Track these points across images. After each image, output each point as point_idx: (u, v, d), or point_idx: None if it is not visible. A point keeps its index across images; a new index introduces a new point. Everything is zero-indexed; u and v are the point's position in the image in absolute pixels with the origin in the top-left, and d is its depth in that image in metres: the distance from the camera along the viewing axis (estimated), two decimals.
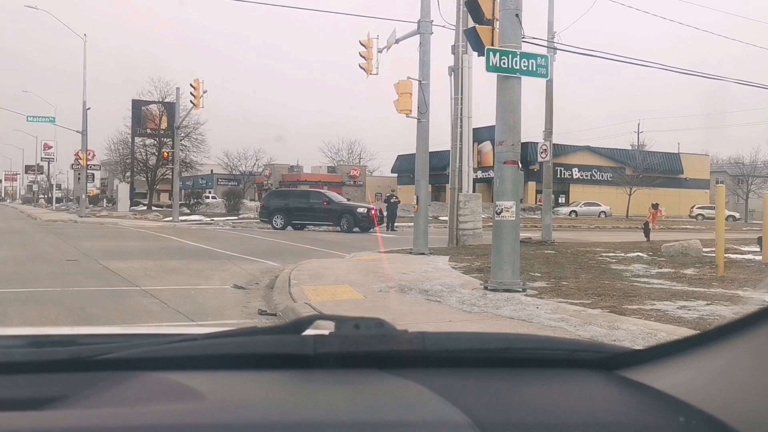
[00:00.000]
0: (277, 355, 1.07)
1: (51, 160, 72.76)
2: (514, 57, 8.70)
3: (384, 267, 11.74)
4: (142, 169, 60.05)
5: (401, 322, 1.14)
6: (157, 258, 13.80)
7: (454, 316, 7.10)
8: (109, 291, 9.17)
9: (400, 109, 15.09)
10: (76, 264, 12.40)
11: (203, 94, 29.95)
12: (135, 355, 1.04)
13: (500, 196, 8.88)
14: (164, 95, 56.64)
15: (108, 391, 0.92)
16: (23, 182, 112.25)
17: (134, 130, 57.11)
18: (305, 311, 7.25)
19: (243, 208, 44.41)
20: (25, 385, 0.92)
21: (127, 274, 10.74)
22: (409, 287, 9.09)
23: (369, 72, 16.58)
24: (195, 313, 7.52)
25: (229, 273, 11.39)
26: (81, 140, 41.33)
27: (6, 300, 8.05)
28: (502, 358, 1.15)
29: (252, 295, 9.04)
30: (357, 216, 27.43)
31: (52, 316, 7.13)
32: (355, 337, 1.06)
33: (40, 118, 43.48)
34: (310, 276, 10.18)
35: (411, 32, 15.91)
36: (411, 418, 0.92)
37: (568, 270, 11.28)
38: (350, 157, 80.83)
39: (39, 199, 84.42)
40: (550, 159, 20.76)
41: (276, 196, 31.46)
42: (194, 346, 1.10)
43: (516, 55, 8.72)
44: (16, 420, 0.80)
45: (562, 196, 53.85)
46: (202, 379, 0.98)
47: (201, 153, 60.11)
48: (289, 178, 67.89)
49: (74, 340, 1.08)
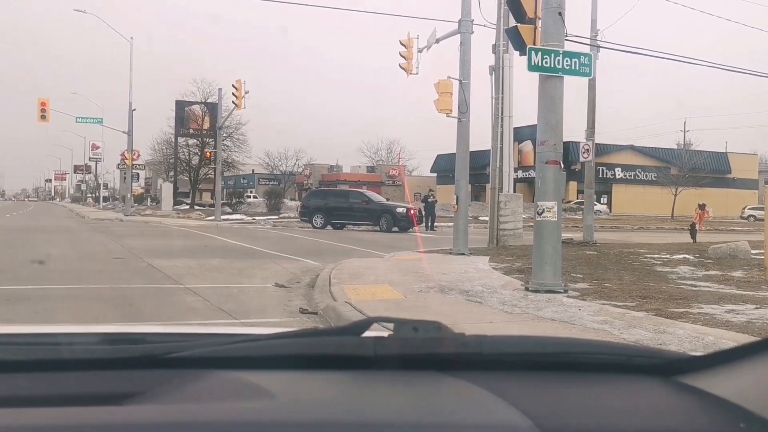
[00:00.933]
0: (338, 356, 1.09)
1: (98, 160, 74.45)
2: (557, 56, 8.60)
3: (423, 267, 11.73)
4: (185, 168, 61.07)
5: (443, 322, 1.16)
6: (200, 256, 14.04)
7: (495, 317, 7.07)
8: (154, 288, 9.36)
9: (441, 108, 15.06)
10: (122, 262, 12.69)
11: (245, 95, 30.31)
12: (206, 353, 1.07)
13: (542, 197, 8.80)
14: (207, 96, 57.53)
15: (183, 388, 0.96)
16: (72, 181, 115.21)
17: (177, 131, 58.11)
18: (345, 310, 7.30)
19: (283, 208, 44.87)
20: (105, 380, 0.96)
21: (171, 272, 10.94)
22: (450, 287, 9.07)
23: (409, 72, 16.58)
24: (237, 312, 7.62)
25: (270, 272, 11.52)
26: (127, 140, 42.24)
27: (58, 296, 8.29)
28: (559, 362, 1.15)
29: (293, 294, 9.13)
30: (396, 216, 27.45)
31: (101, 312, 7.31)
32: (413, 339, 1.08)
33: (88, 119, 44.54)
34: (350, 275, 10.23)
35: (451, 32, 15.85)
36: (474, 420, 0.93)
37: (611, 271, 11.11)
38: (389, 157, 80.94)
39: (87, 198, 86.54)
40: (593, 159, 20.46)
41: (316, 196, 31.68)
42: (260, 346, 1.13)
43: (558, 54, 8.63)
44: (100, 414, 0.84)
45: (605, 197, 53.04)
46: (270, 378, 1.01)
47: (242, 153, 60.92)
48: (329, 178, 68.33)
49: (143, 338, 1.12)
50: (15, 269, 10.94)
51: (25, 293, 8.42)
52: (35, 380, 0.94)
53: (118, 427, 0.80)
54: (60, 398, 0.89)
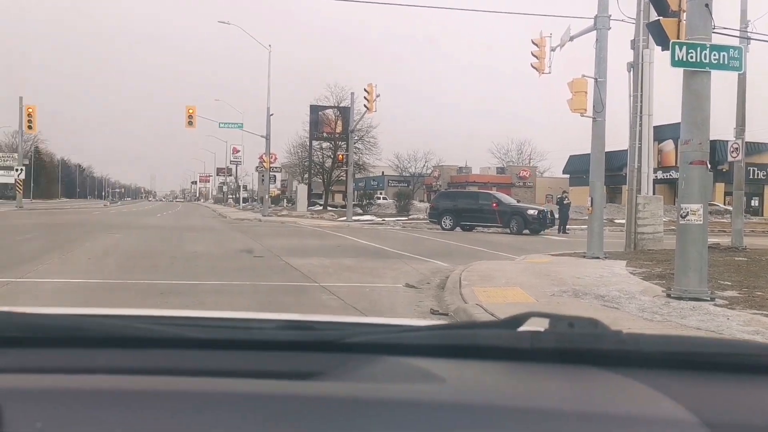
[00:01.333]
0: (495, 348, 1.13)
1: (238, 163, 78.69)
2: (703, 50, 8.12)
3: (556, 270, 11.46)
4: (318, 171, 63.21)
5: None
6: (333, 256, 14.49)
7: (634, 324, 6.78)
8: (291, 286, 9.77)
9: (574, 108, 14.65)
10: (261, 260, 13.34)
11: (376, 98, 30.95)
12: (375, 340, 1.15)
13: (686, 199, 8.34)
14: (339, 100, 59.21)
15: (358, 370, 1.04)
16: (215, 183, 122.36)
17: (312, 134, 60.27)
18: (476, 312, 7.29)
19: (413, 209, 45.30)
20: (290, 361, 1.07)
21: (306, 270, 11.38)
22: (584, 292, 8.81)
23: (541, 71, 16.26)
24: (370, 311, 7.80)
25: (400, 272, 11.69)
26: (264, 144, 44.33)
27: (205, 291, 8.87)
28: (718, 362, 1.13)
29: (423, 295, 9.22)
30: (527, 218, 26.96)
31: (245, 307, 7.74)
32: (570, 334, 1.10)
33: (229, 124, 47.21)
34: (481, 277, 10.18)
35: (587, 29, 15.38)
36: (640, 413, 0.95)
37: (763, 279, 10.33)
38: (519, 158, 79.64)
39: (228, 199, 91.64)
40: (742, 158, 19.07)
41: (445, 197, 31.74)
42: (425, 336, 1.20)
43: (705, 47, 8.14)
44: (295, 387, 0.94)
45: (755, 199, 49.28)
46: (435, 364, 1.07)
47: (373, 155, 62.24)
48: (458, 180, 68.19)
49: (312, 325, 1.22)
50: (167, 266, 11.81)
51: (177, 288, 9.08)
52: (233, 357, 1.06)
53: (313, 398, 0.89)
54: (254, 373, 0.99)
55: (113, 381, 0.91)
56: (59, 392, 0.87)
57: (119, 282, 9.39)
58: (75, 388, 0.88)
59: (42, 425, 0.78)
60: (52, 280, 9.52)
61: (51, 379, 0.90)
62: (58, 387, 0.88)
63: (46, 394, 0.86)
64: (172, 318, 1.27)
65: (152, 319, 1.23)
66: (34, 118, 46.21)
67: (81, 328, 1.09)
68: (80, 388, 0.88)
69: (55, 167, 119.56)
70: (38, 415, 0.79)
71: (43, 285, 9.05)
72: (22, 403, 0.82)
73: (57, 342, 1.04)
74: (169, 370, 0.98)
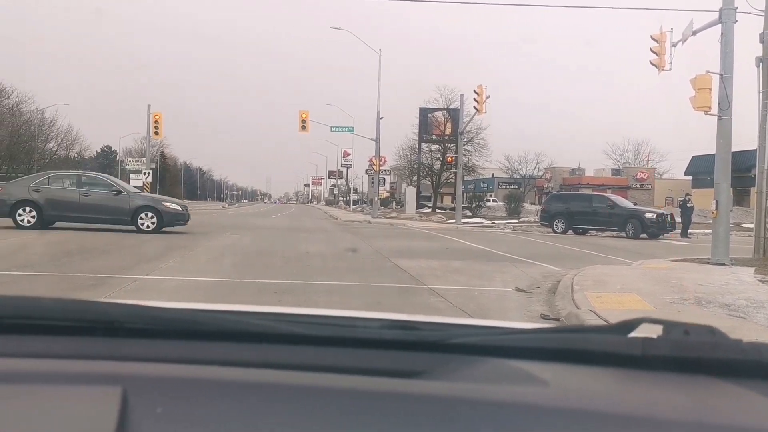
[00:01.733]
0: (603, 353, 1.10)
1: (349, 166, 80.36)
2: None
3: (676, 276, 10.90)
4: (427, 173, 63.46)
5: None
6: (442, 258, 14.47)
7: (762, 334, 6.34)
8: (399, 288, 9.84)
9: (697, 106, 13.92)
10: (370, 261, 13.53)
11: (486, 100, 30.70)
12: (478, 341, 1.15)
13: None
14: (449, 102, 59.21)
15: (461, 370, 1.03)
16: (326, 186, 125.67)
17: (421, 137, 60.59)
18: (589, 318, 7.05)
19: (523, 212, 44.54)
20: (393, 359, 1.08)
21: (414, 272, 11.43)
22: (707, 300, 8.33)
23: (661, 68, 15.55)
24: (478, 314, 7.72)
25: (510, 275, 11.51)
26: (374, 147, 45.01)
27: (316, 290, 9.10)
28: None
29: (534, 299, 9.03)
30: (645, 221, 25.86)
31: (353, 306, 7.88)
32: (685, 342, 1.05)
33: (341, 128, 48.30)
34: (594, 282, 9.85)
35: (711, 22, 14.57)
36: (760, 426, 0.89)
37: None
38: (637, 159, 76.50)
39: (338, 201, 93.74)
40: None
41: (557, 200, 31.00)
42: (530, 338, 1.18)
43: None
44: (398, 385, 0.95)
45: None
46: (538, 367, 1.05)
47: (483, 157, 61.83)
48: (570, 182, 66.37)
49: (416, 326, 1.23)
50: (281, 265, 12.21)
51: (290, 287, 9.37)
52: (338, 353, 1.09)
53: (413, 396, 0.90)
54: (357, 369, 1.01)
55: (226, 372, 0.96)
56: (177, 381, 0.92)
57: (236, 281, 9.80)
58: (191, 378, 0.93)
59: (161, 410, 0.83)
60: (175, 277, 10.08)
61: (170, 369, 0.96)
62: (175, 376, 0.94)
63: (165, 382, 0.91)
64: (281, 314, 1.31)
65: (263, 315, 1.28)
66: (160, 124, 49.14)
67: (197, 321, 1.15)
68: (196, 378, 0.93)
69: (178, 170, 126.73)
70: (158, 401, 0.85)
71: (167, 282, 9.60)
72: (145, 389, 0.88)
73: (176, 334, 1.10)
74: (276, 364, 1.01)
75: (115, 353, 1.03)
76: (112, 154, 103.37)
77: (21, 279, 9.25)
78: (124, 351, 1.04)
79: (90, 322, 1.11)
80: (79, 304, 1.12)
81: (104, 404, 0.82)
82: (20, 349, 1.03)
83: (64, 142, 72.09)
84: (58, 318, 1.10)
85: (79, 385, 0.89)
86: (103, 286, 8.89)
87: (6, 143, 61.52)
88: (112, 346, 1.06)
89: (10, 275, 9.56)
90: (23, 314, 1.11)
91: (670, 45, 15.41)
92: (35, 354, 1.01)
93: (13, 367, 0.95)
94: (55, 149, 70.78)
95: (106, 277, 9.63)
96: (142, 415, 0.82)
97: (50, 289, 8.39)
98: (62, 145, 72.06)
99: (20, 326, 1.09)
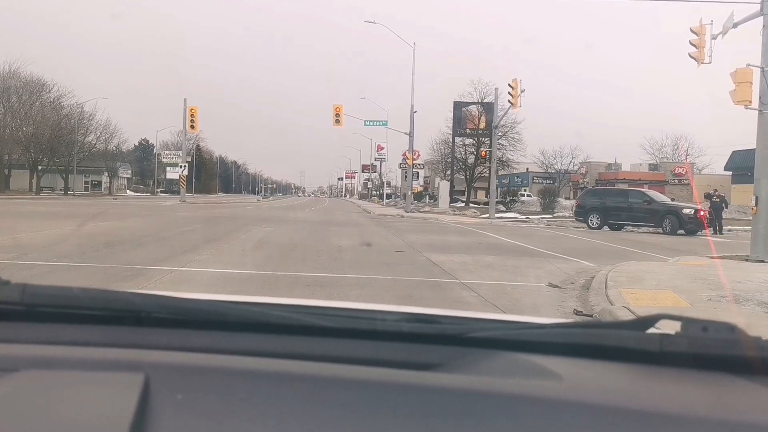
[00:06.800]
0: (620, 349, 1.10)
1: (383, 160, 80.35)
2: None
3: (714, 274, 10.69)
4: (461, 167, 63.16)
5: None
6: (475, 253, 14.41)
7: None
8: (432, 282, 9.84)
9: (738, 100, 13.63)
10: (403, 255, 13.54)
11: (521, 94, 30.40)
12: (496, 336, 1.16)
13: None
14: (483, 96, 58.86)
15: (478, 364, 1.05)
16: (360, 180, 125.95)
17: (455, 131, 60.28)
18: (623, 315, 6.96)
19: (558, 207, 44.09)
20: (410, 352, 1.10)
21: (447, 267, 11.41)
22: (745, 298, 8.17)
23: (700, 61, 15.25)
24: (510, 309, 7.68)
25: (543, 271, 11.43)
26: (408, 141, 44.92)
27: (348, 284, 9.15)
28: None
29: (567, 295, 8.96)
30: (682, 217, 25.40)
31: (385, 300, 7.90)
32: (703, 338, 1.04)
33: (374, 122, 48.40)
34: (629, 279, 9.72)
35: (752, 14, 14.23)
36: None
37: None
38: (675, 154, 75.10)
39: (372, 195, 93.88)
40: None
41: (592, 195, 30.59)
42: (547, 333, 1.19)
43: None
44: (414, 377, 0.96)
45: None
46: (554, 362, 1.05)
47: (517, 151, 61.33)
48: (606, 177, 65.46)
49: (435, 319, 1.24)
50: (314, 258, 12.29)
51: (322, 280, 9.44)
52: (357, 345, 1.11)
53: (428, 388, 0.91)
54: (374, 361, 1.03)
55: (246, 362, 0.98)
56: (197, 369, 0.95)
57: (269, 274, 9.90)
58: (212, 367, 0.96)
59: (182, 397, 0.86)
60: (210, 269, 10.22)
61: (191, 357, 0.99)
62: (196, 365, 0.97)
63: (186, 369, 0.94)
64: (302, 307, 1.33)
65: (285, 307, 1.31)
66: (196, 118, 49.82)
67: (221, 312, 1.18)
68: (217, 367, 0.96)
69: (213, 164, 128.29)
70: (179, 388, 0.88)
71: (203, 274, 9.73)
72: (166, 376, 0.91)
73: (199, 324, 1.13)
74: (296, 355, 1.03)
75: (140, 342, 1.06)
76: (150, 148, 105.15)
77: (59, 269, 9.48)
78: (149, 340, 1.07)
79: (117, 312, 1.14)
80: (107, 294, 1.16)
81: (126, 390, 0.85)
82: (51, 337, 1.07)
83: (103, 136, 73.46)
84: (86, 307, 1.13)
85: (104, 372, 0.93)
86: (140, 276, 9.08)
87: (47, 136, 62.89)
88: (137, 335, 1.10)
89: (51, 265, 9.80)
90: (55, 303, 1.14)
91: (710, 38, 15.10)
92: (65, 341, 1.05)
93: (45, 354, 0.99)
94: (94, 142, 72.16)
95: (142, 269, 9.82)
96: (162, 401, 0.85)
97: (89, 281, 8.58)
98: (101, 139, 73.44)
99: (52, 314, 1.13)
